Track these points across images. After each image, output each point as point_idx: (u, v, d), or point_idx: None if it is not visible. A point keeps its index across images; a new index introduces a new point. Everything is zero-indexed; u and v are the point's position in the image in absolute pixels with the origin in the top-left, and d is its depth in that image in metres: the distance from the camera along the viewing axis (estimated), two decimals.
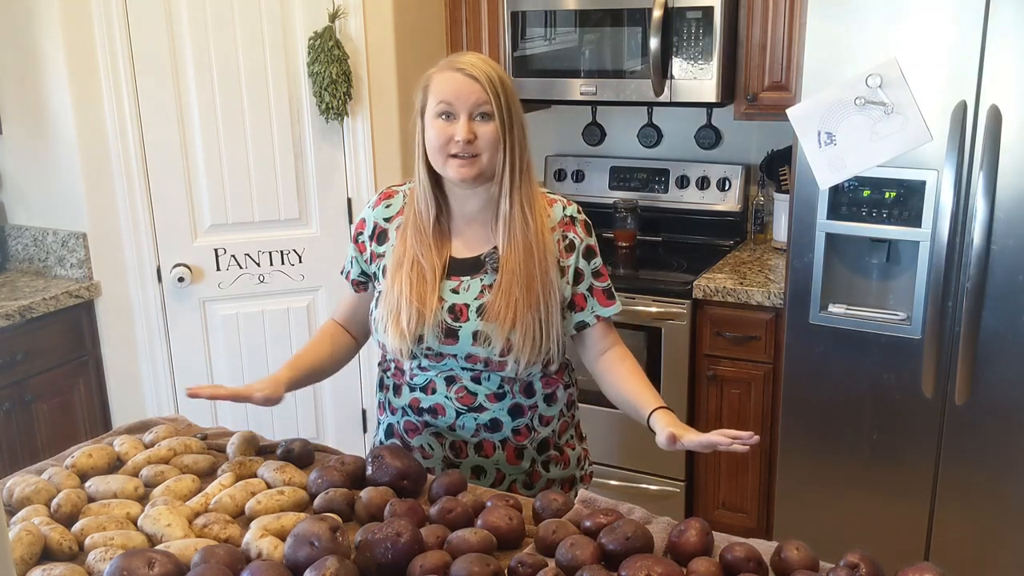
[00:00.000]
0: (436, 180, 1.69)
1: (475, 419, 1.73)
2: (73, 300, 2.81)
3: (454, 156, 1.61)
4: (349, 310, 1.89)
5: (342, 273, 1.86)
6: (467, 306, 1.67)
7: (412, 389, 1.76)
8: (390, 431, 1.84)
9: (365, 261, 1.79)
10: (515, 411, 1.74)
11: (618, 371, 1.78)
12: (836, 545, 1.72)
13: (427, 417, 1.75)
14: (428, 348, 1.69)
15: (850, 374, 2.50)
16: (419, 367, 1.74)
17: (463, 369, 1.71)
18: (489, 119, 1.61)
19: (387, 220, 1.77)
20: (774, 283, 2.78)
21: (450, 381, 1.72)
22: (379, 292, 1.74)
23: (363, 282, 1.83)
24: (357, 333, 1.90)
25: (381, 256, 1.76)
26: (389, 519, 1.36)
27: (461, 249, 1.72)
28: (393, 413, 1.82)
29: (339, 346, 1.88)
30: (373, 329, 1.77)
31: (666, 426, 1.58)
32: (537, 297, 1.65)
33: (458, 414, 1.73)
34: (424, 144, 1.66)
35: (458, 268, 1.70)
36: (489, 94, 1.60)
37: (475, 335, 1.66)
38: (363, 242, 1.79)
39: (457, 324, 1.67)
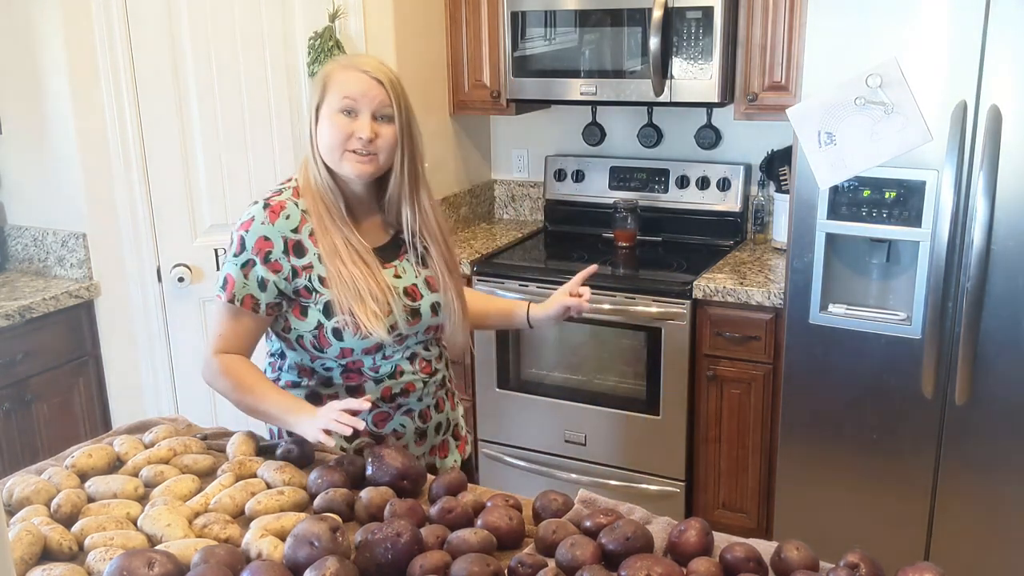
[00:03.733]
0: (332, 176, 1.72)
1: (434, 382, 1.87)
2: (73, 300, 2.81)
3: (352, 152, 1.67)
4: (250, 337, 1.73)
5: (232, 301, 1.68)
6: (415, 286, 1.79)
7: (379, 381, 1.78)
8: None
9: (285, 279, 1.69)
10: (446, 362, 1.93)
11: (479, 297, 2.08)
12: (836, 545, 1.72)
13: (399, 400, 1.81)
14: (397, 334, 1.75)
15: (850, 374, 2.50)
16: (383, 357, 1.77)
17: (417, 343, 1.82)
18: (390, 122, 1.69)
19: (295, 231, 1.70)
20: (774, 283, 2.78)
21: (412, 358, 1.81)
22: (324, 301, 1.69)
23: (278, 303, 1.71)
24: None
25: (308, 268, 1.70)
26: (389, 519, 1.36)
27: (369, 238, 1.77)
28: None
29: None
30: (325, 341, 1.71)
31: (547, 309, 1.97)
32: (453, 262, 1.85)
33: (424, 384, 1.84)
34: (317, 140, 1.70)
35: (381, 256, 1.77)
36: (391, 98, 1.67)
37: (432, 307, 1.80)
38: (276, 260, 1.68)
39: (416, 304, 1.78)
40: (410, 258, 1.81)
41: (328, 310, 1.70)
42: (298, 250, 1.70)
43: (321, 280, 1.70)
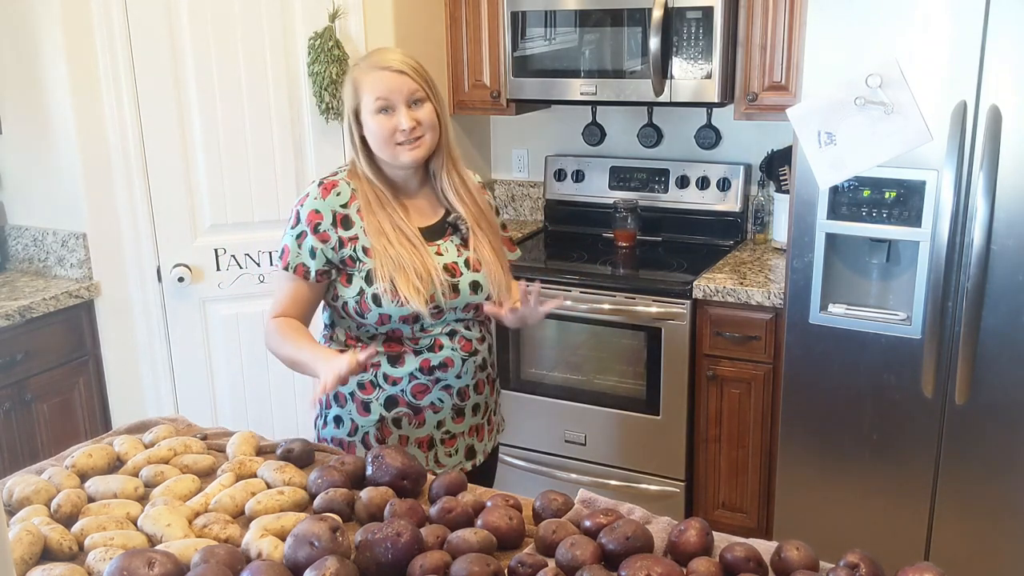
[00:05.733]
0: (377, 169, 1.88)
1: (473, 362, 1.95)
2: (73, 300, 2.81)
3: (400, 144, 1.82)
4: (304, 303, 1.89)
5: (288, 268, 1.86)
6: (456, 264, 1.89)
7: (418, 353, 1.89)
8: (392, 402, 1.90)
9: (333, 249, 1.84)
10: (489, 347, 2.01)
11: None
12: (836, 545, 1.72)
13: (438, 373, 1.90)
14: (435, 307, 1.84)
15: (850, 374, 2.50)
16: (421, 330, 1.87)
17: (457, 321, 1.91)
18: (423, 103, 1.83)
19: (344, 206, 1.86)
20: (774, 283, 2.78)
21: (451, 334, 1.91)
22: (367, 270, 1.83)
23: (327, 271, 1.86)
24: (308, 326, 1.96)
25: (354, 239, 1.85)
26: (389, 519, 1.36)
27: (418, 219, 1.91)
28: (394, 384, 1.89)
29: None
30: (366, 307, 1.83)
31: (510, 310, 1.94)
32: (498, 244, 1.97)
33: (463, 361, 1.92)
34: (363, 140, 1.86)
35: (427, 235, 1.89)
36: (419, 82, 1.83)
37: (472, 286, 1.89)
38: (325, 231, 1.84)
39: (455, 280, 1.87)
40: (454, 239, 1.92)
41: (369, 278, 1.83)
42: (346, 223, 1.85)
43: (365, 251, 1.84)
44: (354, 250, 1.84)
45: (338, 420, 1.94)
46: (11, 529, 1.34)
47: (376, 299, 1.82)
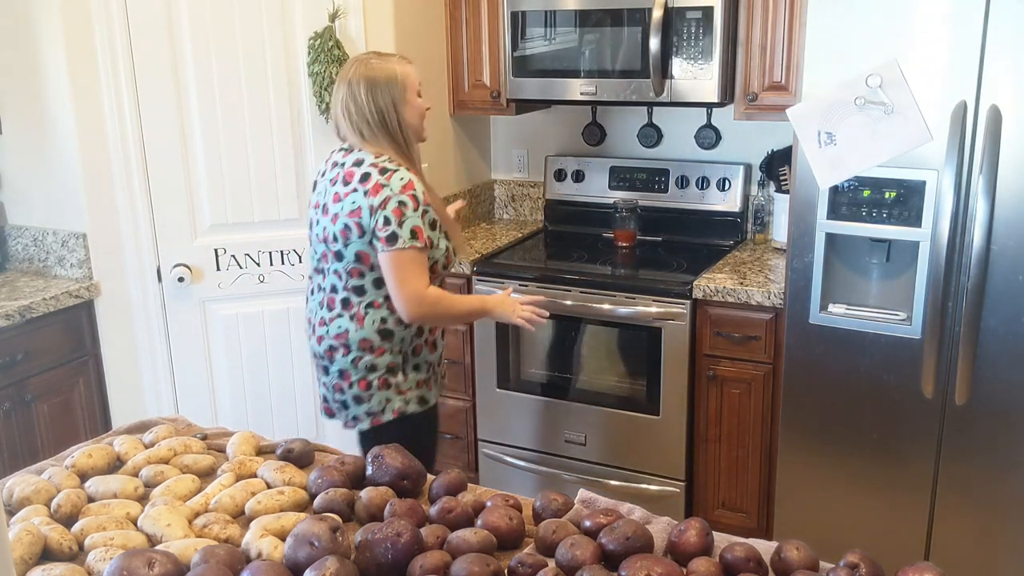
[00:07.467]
0: (413, 151, 2.21)
1: None
2: (73, 300, 2.81)
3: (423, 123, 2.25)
4: None
5: (426, 245, 2.11)
6: None
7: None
8: (442, 333, 2.35)
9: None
10: None
11: None
12: (836, 545, 1.72)
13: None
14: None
15: (850, 374, 2.50)
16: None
17: None
18: None
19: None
20: (774, 283, 2.78)
21: None
22: (444, 231, 2.18)
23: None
24: None
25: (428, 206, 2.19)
26: (389, 519, 1.36)
27: None
28: (432, 351, 2.29)
29: None
30: (450, 260, 2.21)
31: None
32: None
33: None
34: (410, 123, 2.17)
35: None
36: None
37: None
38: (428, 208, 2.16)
39: None
40: None
41: (447, 236, 2.20)
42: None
43: (438, 216, 2.19)
44: (434, 218, 2.17)
45: (417, 367, 2.24)
46: (11, 529, 1.34)
47: (455, 252, 2.23)
